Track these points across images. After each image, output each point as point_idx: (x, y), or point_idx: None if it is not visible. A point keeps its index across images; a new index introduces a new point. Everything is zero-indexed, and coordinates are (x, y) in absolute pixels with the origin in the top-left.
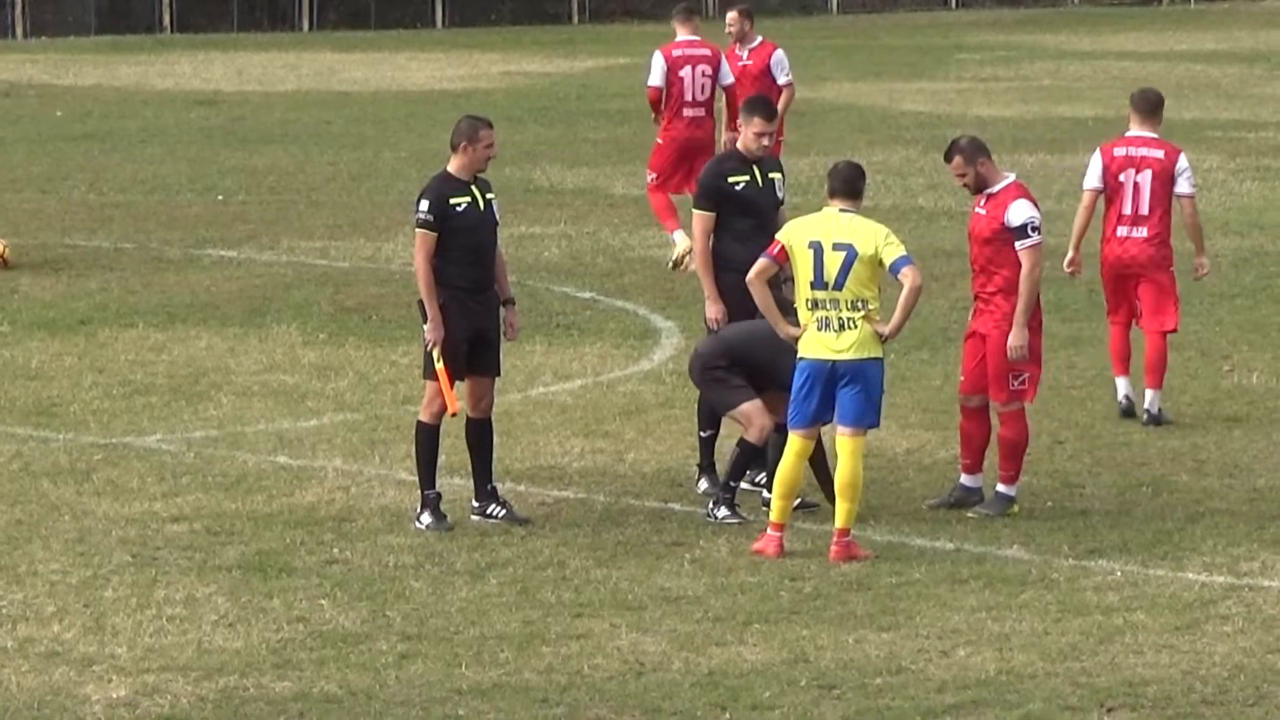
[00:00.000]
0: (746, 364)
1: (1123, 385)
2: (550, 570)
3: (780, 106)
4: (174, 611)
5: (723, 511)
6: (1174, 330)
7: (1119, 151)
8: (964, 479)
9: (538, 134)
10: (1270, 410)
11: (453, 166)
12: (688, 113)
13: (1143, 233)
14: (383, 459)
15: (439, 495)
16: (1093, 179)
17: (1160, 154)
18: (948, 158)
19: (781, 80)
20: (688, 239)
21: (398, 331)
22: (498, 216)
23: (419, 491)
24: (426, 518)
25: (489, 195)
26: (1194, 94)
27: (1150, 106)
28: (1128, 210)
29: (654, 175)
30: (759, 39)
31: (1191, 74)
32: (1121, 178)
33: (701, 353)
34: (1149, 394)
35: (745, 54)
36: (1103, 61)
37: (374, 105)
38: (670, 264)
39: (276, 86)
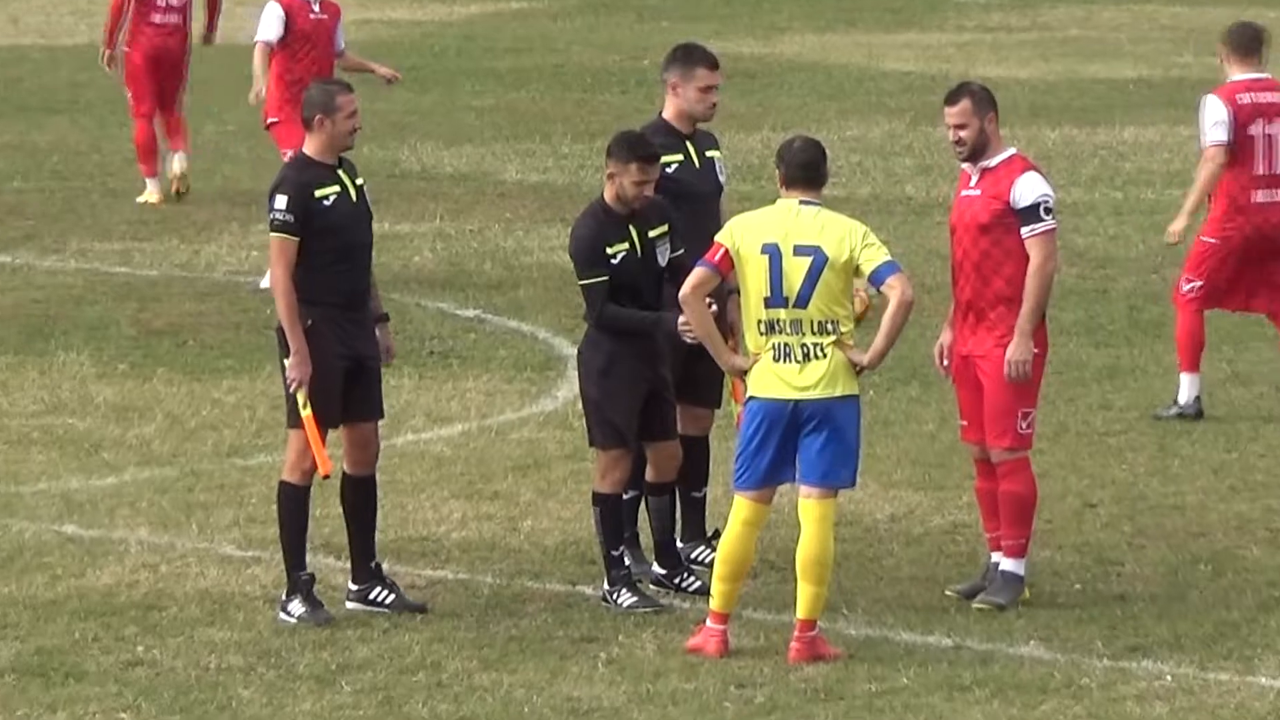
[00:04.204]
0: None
1: (1190, 385)
2: (421, 674)
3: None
4: None
5: (625, 596)
6: None
7: (1243, 98)
8: (996, 557)
9: (406, 101)
10: None
11: (311, 148)
12: (156, 19)
13: None
14: (202, 528)
15: (312, 577)
16: (1220, 131)
17: None
18: (952, 98)
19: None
20: (185, 160)
21: (221, 360)
22: (371, 208)
23: (285, 573)
24: (297, 606)
25: (359, 182)
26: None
27: (1248, 41)
28: (1260, 170)
29: (134, 96)
30: None
31: (1265, 23)
32: (1251, 130)
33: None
34: None
35: (317, 5)
36: (1147, 6)
37: (192, 64)
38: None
39: (63, 39)
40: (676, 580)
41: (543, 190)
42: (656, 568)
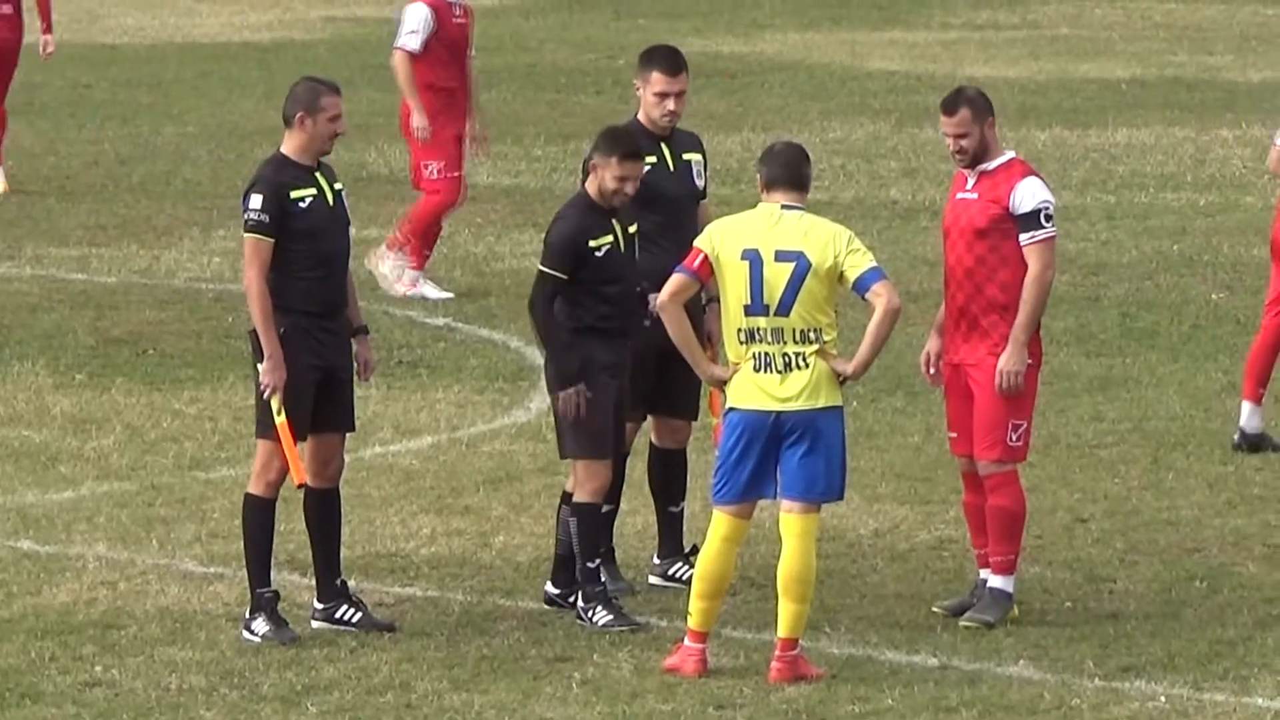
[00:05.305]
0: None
1: (1248, 413)
2: (390, 695)
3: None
4: None
5: (601, 614)
6: None
7: None
8: (984, 573)
9: (373, 101)
10: None
11: (289, 148)
12: None
13: None
14: (162, 544)
15: (276, 595)
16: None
17: None
18: (950, 108)
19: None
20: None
21: (182, 370)
22: (350, 215)
23: (248, 590)
24: (261, 625)
25: (337, 186)
26: (1265, 47)
27: None
28: None
29: None
30: None
31: (1262, 21)
32: None
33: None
34: None
35: (459, 9)
36: (1140, 3)
37: (151, 62)
38: None
39: None
40: (571, 600)
41: (514, 194)
42: (550, 587)
